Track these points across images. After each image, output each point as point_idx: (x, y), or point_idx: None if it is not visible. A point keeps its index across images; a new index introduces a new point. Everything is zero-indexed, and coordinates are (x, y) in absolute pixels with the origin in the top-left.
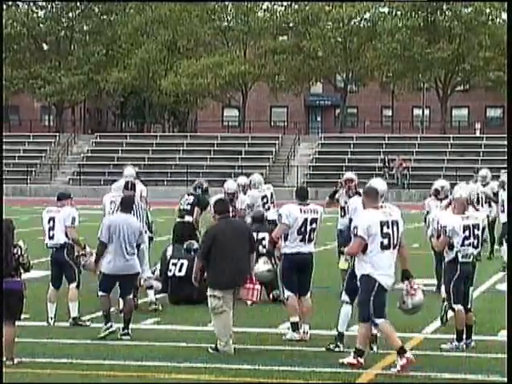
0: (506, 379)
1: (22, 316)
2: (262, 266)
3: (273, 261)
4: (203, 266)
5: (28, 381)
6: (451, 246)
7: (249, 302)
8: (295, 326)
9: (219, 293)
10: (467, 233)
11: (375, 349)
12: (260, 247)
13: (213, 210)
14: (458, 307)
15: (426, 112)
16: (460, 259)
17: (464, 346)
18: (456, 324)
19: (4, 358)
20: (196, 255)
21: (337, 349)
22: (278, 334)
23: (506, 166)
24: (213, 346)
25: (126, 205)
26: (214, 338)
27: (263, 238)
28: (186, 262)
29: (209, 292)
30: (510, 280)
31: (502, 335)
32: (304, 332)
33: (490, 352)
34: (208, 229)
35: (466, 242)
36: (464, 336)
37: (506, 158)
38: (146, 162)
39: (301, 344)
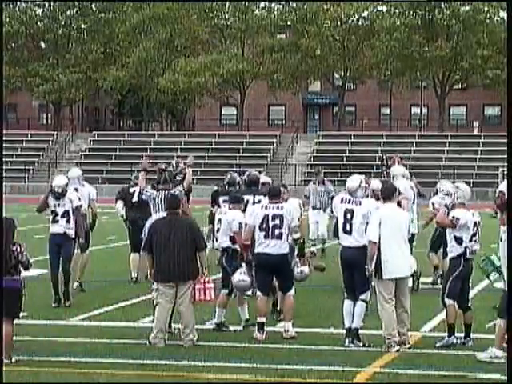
0: (505, 377)
1: (21, 314)
2: (237, 275)
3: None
4: None
5: (26, 379)
6: (460, 241)
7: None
8: (260, 326)
9: (155, 284)
10: (475, 229)
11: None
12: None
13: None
14: (451, 302)
15: (424, 110)
16: (468, 255)
17: (455, 340)
18: (447, 319)
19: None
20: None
21: (351, 345)
22: (275, 332)
23: (504, 164)
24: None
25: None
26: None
27: (259, 201)
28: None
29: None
30: (509, 279)
31: None
32: (285, 330)
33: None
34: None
35: (474, 239)
36: (463, 334)
37: (503, 156)
38: (144, 161)
39: (299, 342)
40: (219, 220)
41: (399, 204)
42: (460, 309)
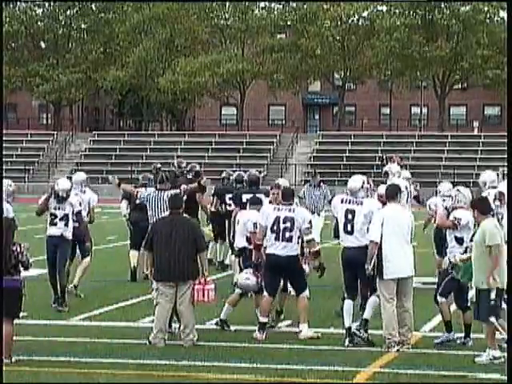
0: (505, 377)
1: (21, 314)
2: (243, 274)
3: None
4: None
5: (26, 379)
6: (461, 241)
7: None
8: (261, 326)
9: (155, 284)
10: (475, 229)
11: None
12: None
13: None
14: (443, 300)
15: (424, 110)
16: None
17: (454, 335)
18: (443, 317)
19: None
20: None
21: (357, 338)
22: (276, 332)
23: (504, 164)
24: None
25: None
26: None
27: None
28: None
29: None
30: (510, 278)
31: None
32: (299, 331)
33: None
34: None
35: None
36: (463, 335)
37: (503, 156)
38: (144, 160)
39: (299, 342)
40: (238, 221)
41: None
42: (459, 309)
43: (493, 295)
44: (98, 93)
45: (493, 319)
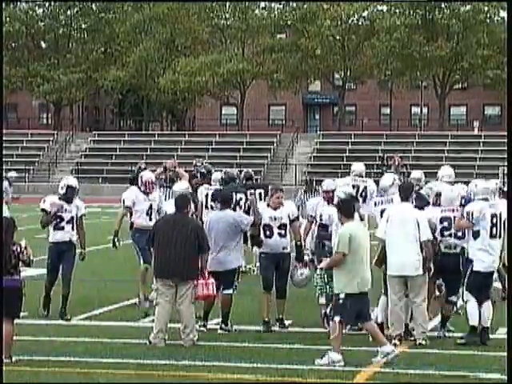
0: (505, 377)
1: (21, 314)
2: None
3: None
4: None
5: (26, 379)
6: (435, 238)
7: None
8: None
9: (155, 284)
10: (446, 223)
11: None
12: (237, 208)
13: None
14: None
15: (424, 110)
16: (443, 249)
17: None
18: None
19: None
20: None
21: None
22: (276, 331)
23: (504, 163)
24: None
25: (224, 201)
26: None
27: (241, 199)
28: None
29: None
30: (510, 278)
31: (501, 333)
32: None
33: (489, 350)
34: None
35: (446, 233)
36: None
37: (503, 155)
38: (144, 160)
39: (299, 342)
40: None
41: None
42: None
43: (342, 295)
44: (99, 93)
45: (337, 318)
